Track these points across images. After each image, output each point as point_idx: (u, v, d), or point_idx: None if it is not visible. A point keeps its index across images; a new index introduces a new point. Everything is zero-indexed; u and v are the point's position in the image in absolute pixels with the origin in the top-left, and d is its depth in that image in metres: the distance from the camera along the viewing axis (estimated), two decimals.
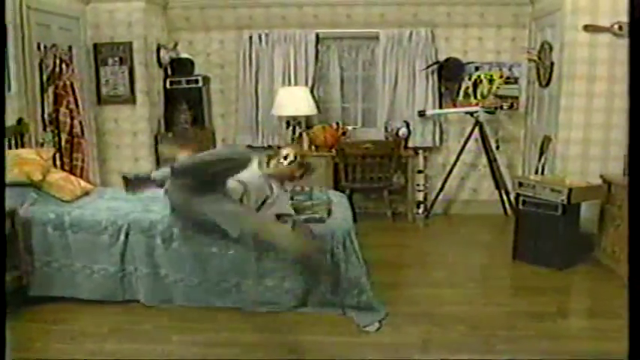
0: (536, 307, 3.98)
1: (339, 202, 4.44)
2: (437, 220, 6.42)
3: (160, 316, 3.79)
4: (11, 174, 3.89)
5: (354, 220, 4.33)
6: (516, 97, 6.41)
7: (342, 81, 6.70)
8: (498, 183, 6.32)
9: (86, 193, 4.33)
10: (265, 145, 6.53)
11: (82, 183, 4.43)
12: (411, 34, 6.30)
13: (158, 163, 5.95)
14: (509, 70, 6.39)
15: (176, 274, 3.80)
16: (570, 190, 4.57)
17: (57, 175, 4.26)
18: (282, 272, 3.72)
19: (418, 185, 6.41)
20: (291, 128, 6.40)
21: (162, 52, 6.15)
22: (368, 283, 3.80)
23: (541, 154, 5.72)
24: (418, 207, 6.43)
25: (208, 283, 3.79)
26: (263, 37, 6.40)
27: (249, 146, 6.47)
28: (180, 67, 6.28)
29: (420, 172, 6.38)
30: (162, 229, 3.77)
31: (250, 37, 6.41)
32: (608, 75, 5.12)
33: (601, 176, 4.92)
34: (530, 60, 6.08)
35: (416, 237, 5.85)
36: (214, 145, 6.62)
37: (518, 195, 4.95)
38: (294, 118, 6.34)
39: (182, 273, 3.79)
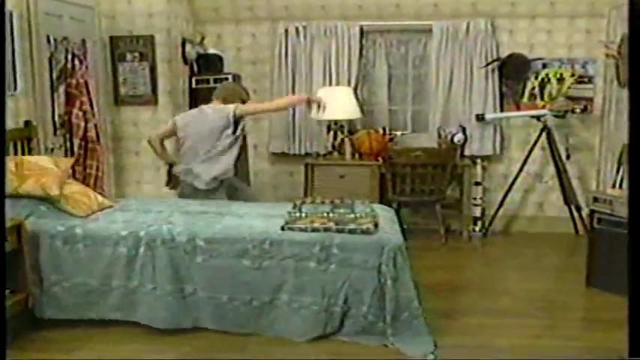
0: (612, 343, 3.79)
1: (386, 216, 4.40)
2: (496, 238, 6.33)
3: (183, 343, 3.75)
4: (25, 185, 3.89)
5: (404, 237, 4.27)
6: (590, 99, 6.28)
7: (389, 80, 6.69)
8: (568, 197, 6.22)
9: (102, 209, 4.31)
10: (302, 152, 6.50)
11: (100, 197, 4.41)
12: (468, 26, 6.24)
13: None
14: (583, 67, 6.27)
15: (202, 292, 3.80)
16: None
17: (74, 188, 4.26)
18: (320, 285, 3.71)
19: (475, 199, 6.34)
20: (332, 134, 6.41)
21: (188, 47, 6.18)
22: (420, 307, 3.74)
23: (619, 165, 5.52)
24: (475, 224, 6.36)
25: (238, 301, 3.78)
26: (300, 30, 6.41)
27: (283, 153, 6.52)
28: (208, 63, 6.30)
29: (477, 183, 6.33)
30: (186, 241, 3.79)
31: (286, 31, 6.42)
32: None
33: None
34: (608, 56, 5.89)
35: (472, 258, 5.80)
36: (245, 152, 6.60)
37: (592, 212, 4.80)
38: (336, 122, 6.34)
39: (209, 290, 3.79)
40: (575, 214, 6.22)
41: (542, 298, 4.68)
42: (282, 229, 3.85)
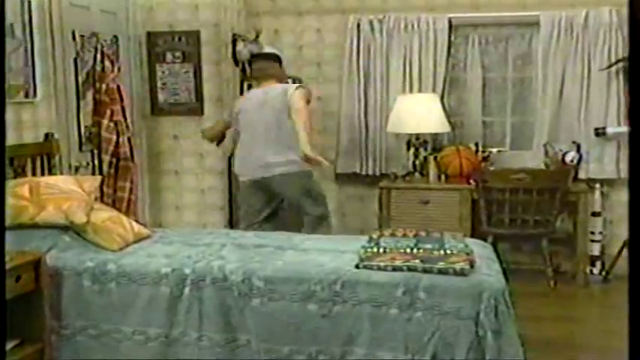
0: None
1: (483, 253, 4.32)
2: (620, 284, 6.11)
3: None
4: (45, 212, 3.90)
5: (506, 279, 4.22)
6: None
7: (484, 85, 6.70)
8: None
9: (138, 241, 4.35)
10: (376, 173, 6.53)
11: (136, 226, 4.42)
12: (587, 16, 6.17)
13: (231, 194, 5.98)
14: None
15: (259, 342, 3.76)
16: None
17: (104, 215, 4.26)
18: (403, 337, 3.64)
19: (593, 233, 6.26)
20: (412, 151, 6.39)
21: (240, 45, 6.24)
22: None
23: None
24: (593, 264, 6.28)
25: (302, 355, 3.73)
26: (376, 24, 6.47)
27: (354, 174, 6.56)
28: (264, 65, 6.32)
29: (595, 214, 6.24)
30: (241, 280, 3.79)
31: (358, 25, 6.48)
32: None
33: None
34: None
35: (589, 308, 5.70)
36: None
37: None
38: (418, 136, 6.32)
39: (267, 340, 3.75)
40: None
41: None
42: (357, 267, 3.79)
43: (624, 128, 6.14)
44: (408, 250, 4.07)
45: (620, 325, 4.85)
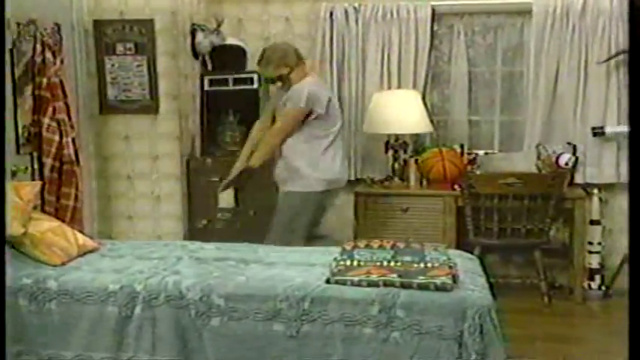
0: None
1: (468, 266, 4.36)
2: (623, 300, 6.03)
3: None
4: None
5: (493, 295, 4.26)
6: None
7: (470, 81, 6.72)
8: None
9: (84, 254, 4.31)
10: (352, 178, 6.52)
11: (80, 238, 4.41)
12: (584, 3, 6.20)
13: (190, 201, 5.99)
14: None
15: None
16: None
17: (45, 225, 4.26)
18: (379, 357, 3.65)
19: (591, 244, 6.26)
20: (391, 153, 6.39)
21: (200, 36, 6.24)
22: None
23: None
24: (591, 278, 6.28)
25: None
26: (351, 12, 6.46)
27: None
28: (227, 58, 6.37)
29: (594, 222, 6.25)
30: (199, 298, 3.77)
31: (331, 14, 6.47)
32: None
33: None
34: None
35: (588, 326, 5.71)
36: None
37: None
38: (397, 137, 6.32)
39: None
40: None
41: None
42: (328, 282, 3.79)
43: (625, 127, 6.17)
44: (385, 263, 4.10)
45: (622, 345, 4.88)
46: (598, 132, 6.15)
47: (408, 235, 5.34)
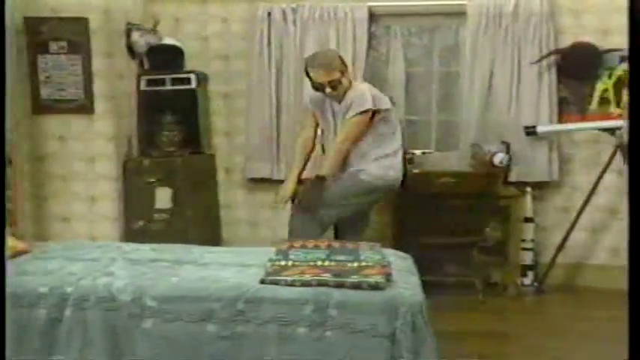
0: None
1: (401, 265, 4.34)
2: (554, 296, 6.29)
3: None
4: None
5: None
6: None
7: (407, 81, 6.74)
8: None
9: (14, 256, 4.22)
10: None
11: (10, 240, 4.32)
12: (516, 5, 6.27)
13: (127, 203, 5.98)
14: None
15: None
16: None
17: None
18: (312, 357, 3.61)
19: (525, 241, 6.36)
20: None
21: (136, 36, 6.18)
22: None
23: None
24: (525, 274, 6.38)
25: None
26: (289, 13, 6.47)
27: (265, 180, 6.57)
28: (163, 58, 6.31)
29: (527, 220, 6.33)
30: (131, 300, 3.69)
31: (269, 14, 6.46)
32: None
33: None
34: None
35: (521, 322, 5.71)
36: (214, 178, 6.59)
37: None
38: None
39: None
40: None
41: None
42: (262, 282, 3.75)
43: (556, 127, 6.28)
44: (319, 263, 4.06)
45: (552, 340, 4.96)
46: (530, 131, 6.22)
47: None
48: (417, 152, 6.49)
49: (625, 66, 6.21)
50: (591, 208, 6.26)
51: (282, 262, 4.05)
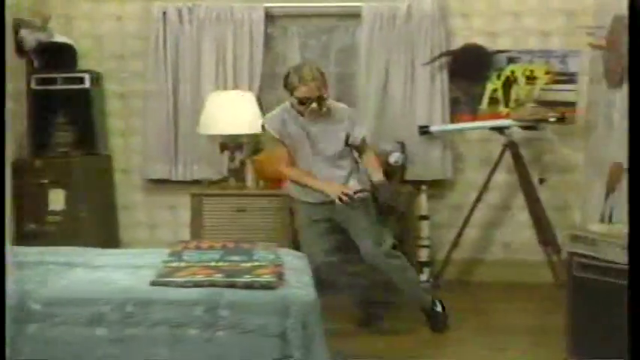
0: None
1: (295, 264, 4.35)
2: (449, 291, 6.25)
3: None
4: None
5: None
6: (572, 104, 6.43)
7: None
8: (543, 235, 6.28)
9: None
10: (188, 179, 6.48)
11: None
12: (409, 9, 6.32)
13: (18, 205, 5.79)
14: (562, 62, 6.44)
15: None
16: None
17: None
18: (204, 358, 3.58)
19: (420, 238, 6.39)
20: (227, 154, 6.33)
21: (24, 32, 6.05)
22: None
23: (609, 191, 5.58)
24: (422, 271, 6.36)
25: None
26: (185, 13, 6.41)
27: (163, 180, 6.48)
28: (55, 56, 6.20)
29: (422, 218, 6.38)
30: (15, 303, 3.54)
31: (164, 14, 6.38)
32: None
33: None
34: (594, 47, 6.03)
35: (417, 318, 5.63)
36: (112, 180, 6.46)
37: (571, 255, 4.79)
38: (233, 138, 6.26)
39: None
40: (554, 257, 6.28)
41: None
42: (153, 284, 3.70)
43: (449, 126, 6.36)
44: (213, 264, 4.05)
45: (445, 334, 5.01)
46: (424, 131, 6.26)
47: (245, 234, 5.29)
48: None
49: (512, 67, 6.39)
50: (484, 205, 6.38)
51: (175, 264, 4.03)
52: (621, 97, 5.55)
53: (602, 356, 4.55)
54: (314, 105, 4.86)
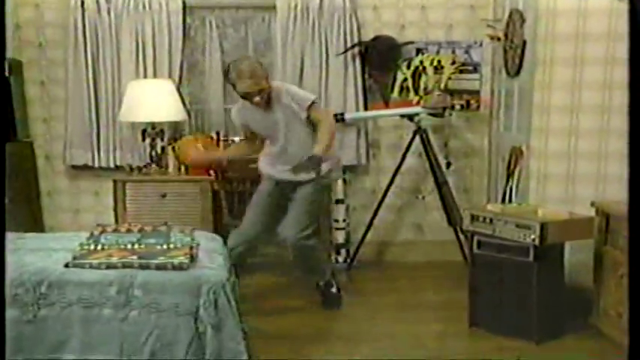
0: None
1: (210, 246, 4.38)
2: (364, 271, 6.41)
3: None
4: None
5: (236, 274, 4.34)
6: (476, 92, 6.55)
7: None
8: (452, 217, 6.36)
9: None
10: (111, 165, 6.46)
11: None
12: (321, 1, 6.35)
13: None
14: (466, 52, 6.53)
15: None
16: (543, 225, 4.57)
17: None
18: (119, 339, 3.63)
19: (337, 221, 6.45)
20: (148, 141, 6.28)
21: None
22: None
23: (509, 173, 5.74)
24: (337, 253, 6.47)
25: None
26: (102, 3, 6.32)
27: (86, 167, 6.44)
28: None
29: (338, 202, 6.41)
30: None
31: (82, 3, 6.27)
32: (605, 57, 5.20)
33: (593, 204, 4.96)
34: (492, 38, 6.18)
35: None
36: (34, 167, 6.41)
37: (472, 234, 4.96)
38: (153, 125, 6.23)
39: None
40: (462, 237, 6.33)
41: (416, 346, 4.78)
42: (67, 266, 3.72)
43: (362, 114, 6.42)
44: (129, 247, 4.08)
45: (360, 311, 5.12)
46: (339, 118, 6.27)
47: (168, 219, 5.25)
48: (236, 139, 6.42)
49: (421, 57, 6.48)
50: (396, 189, 6.44)
51: (92, 247, 4.04)
52: (519, 85, 5.72)
53: (499, 326, 4.79)
54: (257, 98, 4.93)
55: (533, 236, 4.58)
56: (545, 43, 5.27)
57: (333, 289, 5.46)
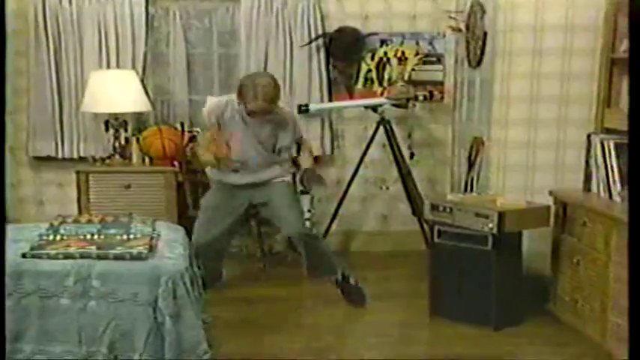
0: None
1: (171, 237, 4.36)
2: None
3: None
4: None
5: (198, 266, 4.34)
6: (440, 83, 6.59)
7: (189, 62, 6.69)
8: (416, 206, 6.38)
9: None
10: (74, 156, 6.42)
11: None
12: None
13: None
14: (430, 44, 6.56)
15: None
16: (501, 214, 4.63)
17: None
18: (77, 329, 3.65)
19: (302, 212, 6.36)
20: (112, 132, 6.26)
21: None
22: (209, 352, 3.74)
23: (471, 163, 5.79)
24: None
25: None
26: None
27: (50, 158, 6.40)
28: None
29: (303, 192, 6.37)
30: None
31: None
32: (564, 48, 5.27)
33: (551, 193, 5.03)
34: (454, 29, 6.22)
35: (298, 286, 5.85)
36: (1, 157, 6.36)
37: (433, 223, 5.01)
38: (116, 116, 6.20)
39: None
40: (426, 227, 6.37)
41: (377, 334, 4.85)
42: (24, 256, 3.70)
43: (327, 105, 6.43)
44: (88, 237, 4.05)
45: (324, 301, 5.13)
46: (304, 109, 6.28)
47: (131, 210, 5.23)
48: (200, 130, 6.49)
49: (385, 48, 6.51)
50: (361, 180, 6.47)
51: (51, 237, 4.01)
52: (480, 76, 5.78)
53: (459, 313, 4.85)
54: (260, 116, 5.00)
55: (491, 225, 4.64)
56: (504, 34, 5.33)
57: (352, 282, 5.43)
